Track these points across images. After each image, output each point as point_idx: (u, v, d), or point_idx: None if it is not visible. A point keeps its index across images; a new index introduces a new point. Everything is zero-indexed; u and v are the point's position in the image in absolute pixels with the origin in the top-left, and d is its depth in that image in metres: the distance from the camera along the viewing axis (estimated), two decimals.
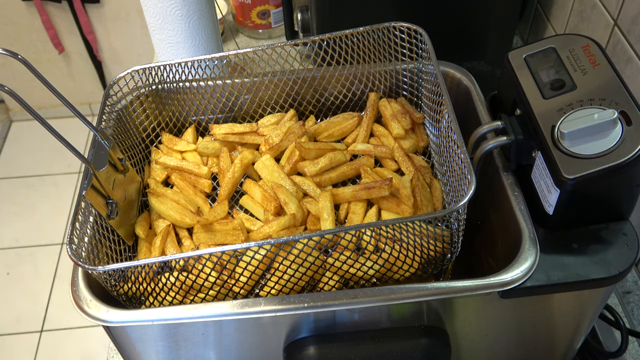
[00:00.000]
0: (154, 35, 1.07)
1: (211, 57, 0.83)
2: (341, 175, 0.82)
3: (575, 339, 0.76)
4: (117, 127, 0.81)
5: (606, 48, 0.95)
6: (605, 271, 0.64)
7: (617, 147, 0.62)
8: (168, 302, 0.68)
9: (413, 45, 0.82)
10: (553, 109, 0.67)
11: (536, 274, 0.64)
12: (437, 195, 0.77)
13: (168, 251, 0.73)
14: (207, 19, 1.06)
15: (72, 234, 0.64)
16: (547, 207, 0.68)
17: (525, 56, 0.74)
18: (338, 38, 0.83)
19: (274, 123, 0.88)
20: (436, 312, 0.69)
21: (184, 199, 0.78)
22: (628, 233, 0.67)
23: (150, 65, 0.83)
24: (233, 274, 0.67)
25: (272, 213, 0.75)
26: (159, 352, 0.71)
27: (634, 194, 0.67)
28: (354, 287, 0.70)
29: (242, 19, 1.39)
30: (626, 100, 0.65)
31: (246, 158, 0.81)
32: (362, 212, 0.76)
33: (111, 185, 0.71)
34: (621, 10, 0.90)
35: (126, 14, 2.46)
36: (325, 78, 0.88)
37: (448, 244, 0.68)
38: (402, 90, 0.89)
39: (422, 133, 0.86)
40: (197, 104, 0.89)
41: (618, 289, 0.93)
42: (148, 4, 1.02)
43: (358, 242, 0.71)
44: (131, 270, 0.66)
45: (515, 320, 0.72)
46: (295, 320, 0.67)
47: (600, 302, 0.71)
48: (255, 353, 0.73)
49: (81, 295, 0.66)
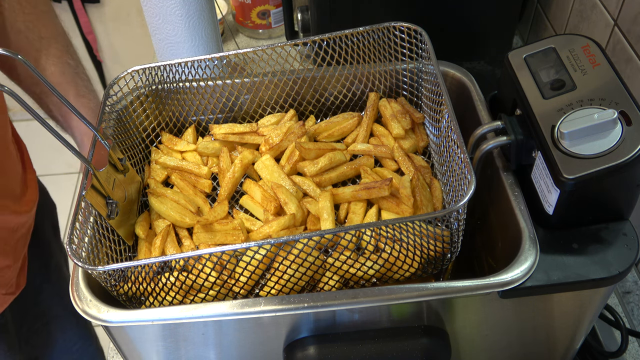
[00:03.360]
0: (154, 35, 1.07)
1: (211, 57, 0.83)
2: (341, 175, 0.82)
3: (575, 339, 0.76)
4: (117, 127, 0.81)
5: (606, 48, 0.95)
6: (605, 271, 0.64)
7: (617, 147, 0.62)
8: (168, 302, 0.68)
9: (413, 45, 0.82)
10: (553, 109, 0.67)
11: (536, 274, 0.64)
12: (437, 195, 0.77)
13: (168, 251, 0.73)
14: (207, 19, 1.06)
15: (72, 234, 0.64)
16: (547, 207, 0.68)
17: (525, 56, 0.74)
18: (338, 38, 0.83)
19: (274, 123, 0.88)
20: (436, 312, 0.69)
21: (184, 199, 0.78)
22: (628, 233, 0.67)
23: (150, 65, 0.83)
24: (233, 274, 0.67)
25: (272, 213, 0.75)
26: (159, 352, 0.71)
27: (634, 194, 0.67)
28: (354, 287, 0.70)
29: (242, 19, 1.39)
30: (626, 100, 0.65)
31: (246, 158, 0.81)
32: (362, 212, 0.76)
33: (111, 185, 0.71)
34: (621, 10, 0.90)
35: (126, 14, 2.46)
36: (325, 78, 0.88)
37: (448, 244, 0.68)
38: (402, 90, 0.89)
39: (422, 133, 0.86)
40: (197, 104, 0.89)
41: (618, 289, 0.93)
42: (148, 4, 1.02)
43: (358, 242, 0.71)
44: (131, 270, 0.66)
45: (515, 320, 0.72)
46: (295, 320, 0.67)
47: (600, 302, 0.71)
48: (255, 353, 0.73)
49: (81, 295, 0.66)
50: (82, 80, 1.00)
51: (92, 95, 1.00)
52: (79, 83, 0.99)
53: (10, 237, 0.95)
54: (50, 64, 0.95)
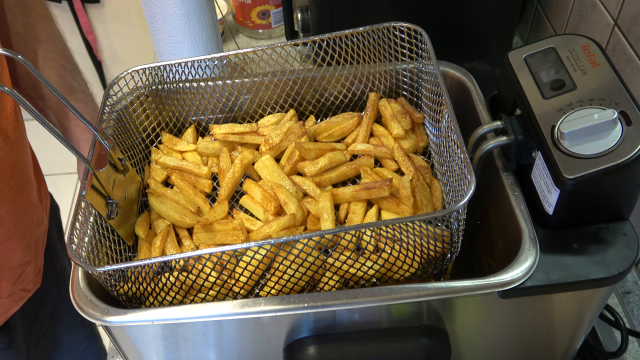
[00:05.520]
0: (154, 35, 1.07)
1: (211, 57, 0.83)
2: (341, 175, 0.82)
3: (575, 339, 0.76)
4: (117, 127, 0.81)
5: (606, 48, 0.95)
6: (605, 271, 0.64)
7: (617, 147, 0.62)
8: (168, 302, 0.68)
9: (413, 45, 0.82)
10: (553, 109, 0.67)
11: (536, 274, 0.64)
12: (437, 195, 0.77)
13: (168, 251, 0.73)
14: (207, 19, 1.06)
15: (72, 234, 0.64)
16: (547, 207, 0.68)
17: (525, 56, 0.74)
18: (338, 38, 0.83)
19: (274, 123, 0.88)
20: (436, 312, 0.69)
21: (184, 199, 0.78)
22: (628, 233, 0.67)
23: (150, 65, 0.83)
24: (233, 274, 0.67)
25: (272, 213, 0.75)
26: (159, 352, 0.71)
27: (634, 194, 0.67)
28: (354, 287, 0.70)
29: (242, 19, 1.39)
30: (626, 100, 0.65)
31: (246, 158, 0.81)
32: (362, 212, 0.76)
33: (111, 185, 0.71)
34: (621, 10, 0.90)
35: (126, 14, 2.46)
36: (325, 78, 0.88)
37: (448, 244, 0.68)
38: (402, 90, 0.89)
39: (422, 133, 0.86)
40: (197, 104, 0.89)
41: (618, 289, 0.93)
42: (148, 4, 1.02)
43: (358, 242, 0.71)
44: (131, 271, 0.66)
45: (515, 320, 0.72)
46: (295, 320, 0.67)
47: (600, 302, 0.71)
48: (255, 353, 0.73)
49: (81, 295, 0.66)
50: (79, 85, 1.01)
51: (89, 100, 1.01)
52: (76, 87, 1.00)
53: (35, 231, 0.95)
54: (47, 67, 0.96)
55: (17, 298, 0.95)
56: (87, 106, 0.99)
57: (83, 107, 0.99)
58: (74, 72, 1.01)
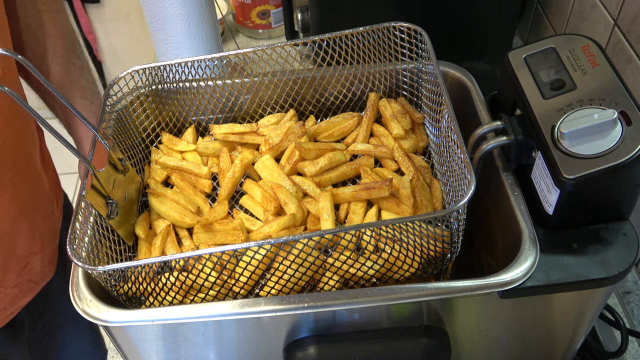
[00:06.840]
0: (154, 35, 1.07)
1: (211, 57, 0.83)
2: (341, 175, 0.82)
3: (575, 339, 0.76)
4: (117, 127, 0.81)
5: (606, 48, 0.95)
6: (605, 271, 0.64)
7: (617, 147, 0.62)
8: (168, 302, 0.68)
9: (413, 45, 0.82)
10: (553, 109, 0.67)
11: (536, 274, 0.64)
12: (437, 195, 0.77)
13: (168, 251, 0.73)
14: (207, 19, 1.06)
15: (72, 234, 0.64)
16: (547, 207, 0.68)
17: (525, 56, 0.74)
18: (338, 38, 0.83)
19: (274, 123, 0.88)
20: (436, 312, 0.69)
21: (184, 199, 0.78)
22: (628, 233, 0.67)
23: (150, 65, 0.83)
24: (233, 274, 0.67)
25: (272, 213, 0.75)
26: (159, 352, 0.71)
27: (634, 194, 0.67)
28: (354, 287, 0.70)
29: (242, 19, 1.39)
30: (626, 100, 0.65)
31: (246, 158, 0.81)
32: (362, 212, 0.76)
33: (111, 185, 0.71)
34: (621, 10, 0.90)
35: (126, 14, 2.46)
36: (325, 78, 0.88)
37: (448, 244, 0.68)
38: (402, 90, 0.89)
39: (422, 133, 0.86)
40: (197, 104, 0.89)
41: (618, 289, 0.93)
42: (148, 4, 1.02)
43: (358, 242, 0.71)
44: (131, 270, 0.66)
45: (515, 320, 0.72)
46: (295, 320, 0.67)
47: (600, 302, 0.71)
48: (255, 353, 0.73)
49: (81, 295, 0.66)
50: (87, 82, 1.00)
51: (96, 98, 1.00)
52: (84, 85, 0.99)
53: (42, 222, 0.95)
54: (55, 62, 0.95)
55: (24, 289, 0.94)
56: (92, 104, 0.99)
57: (89, 105, 0.98)
58: (83, 69, 1.00)
